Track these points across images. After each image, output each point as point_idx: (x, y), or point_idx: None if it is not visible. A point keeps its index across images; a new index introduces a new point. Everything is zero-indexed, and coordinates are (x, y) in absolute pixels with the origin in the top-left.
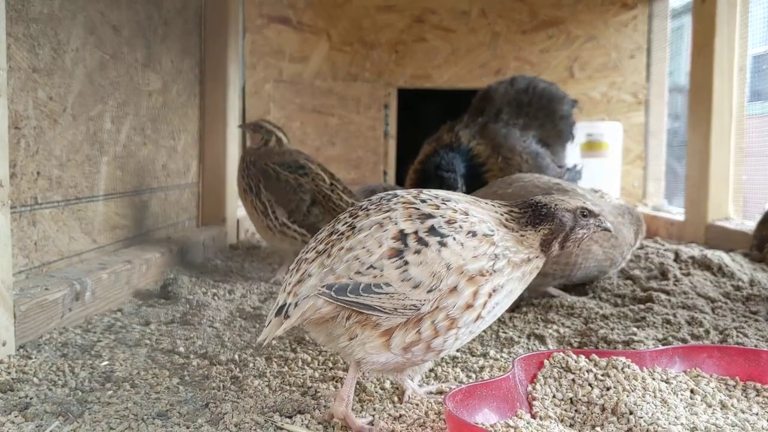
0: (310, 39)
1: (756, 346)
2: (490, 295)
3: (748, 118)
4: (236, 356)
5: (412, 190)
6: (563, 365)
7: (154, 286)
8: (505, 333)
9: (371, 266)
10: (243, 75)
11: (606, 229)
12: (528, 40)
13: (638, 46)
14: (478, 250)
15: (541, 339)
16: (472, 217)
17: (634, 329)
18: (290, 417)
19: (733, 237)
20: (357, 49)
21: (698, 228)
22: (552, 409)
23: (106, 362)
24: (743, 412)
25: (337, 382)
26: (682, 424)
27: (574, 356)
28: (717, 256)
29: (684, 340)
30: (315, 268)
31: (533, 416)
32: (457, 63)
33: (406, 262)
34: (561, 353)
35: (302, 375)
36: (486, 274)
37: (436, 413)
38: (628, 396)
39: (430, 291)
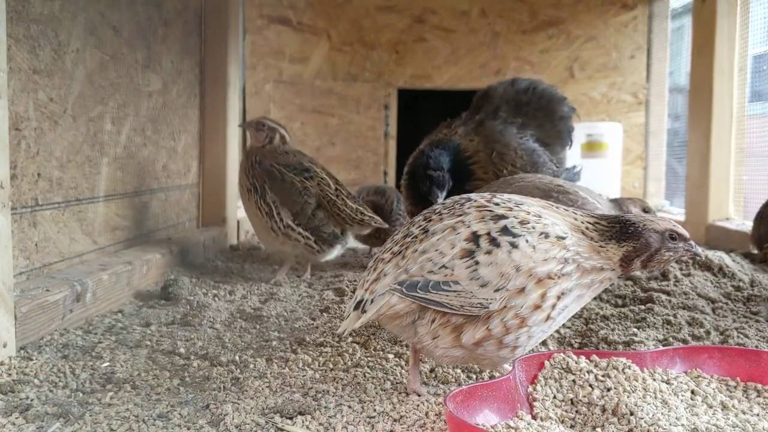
0: (310, 39)
1: (757, 346)
2: (558, 298)
3: (749, 118)
4: (237, 357)
5: (485, 194)
6: (564, 366)
7: (155, 287)
8: None
9: (443, 266)
10: (243, 75)
11: (696, 255)
12: (528, 40)
13: (638, 46)
14: (548, 252)
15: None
16: (546, 219)
17: (635, 330)
18: (291, 418)
19: (733, 237)
20: (357, 49)
21: (699, 228)
22: (552, 410)
23: (106, 363)
24: (744, 413)
25: (337, 383)
26: (682, 425)
27: (575, 357)
28: (717, 256)
29: (685, 341)
30: (390, 268)
31: (534, 417)
32: (457, 63)
33: (477, 262)
34: (561, 354)
35: (303, 376)
36: (554, 278)
37: (436, 414)
38: (628, 397)
39: (497, 290)
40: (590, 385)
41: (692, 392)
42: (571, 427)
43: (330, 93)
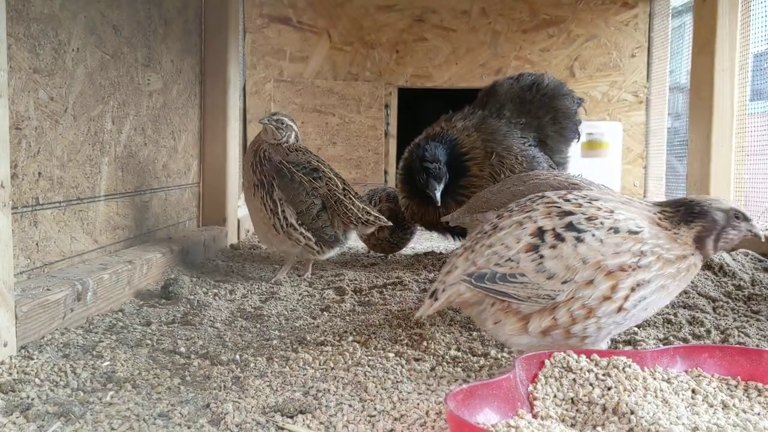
0: (311, 38)
1: (758, 345)
2: (633, 289)
3: (750, 116)
4: (237, 356)
5: (560, 191)
6: (564, 365)
7: (155, 286)
8: None
9: (509, 259)
10: (243, 74)
11: (756, 235)
12: (528, 39)
13: (639, 45)
14: (620, 246)
15: None
16: (618, 215)
17: (635, 329)
18: (292, 417)
19: None
20: (357, 48)
21: None
22: (553, 408)
23: (107, 363)
24: (745, 412)
25: (338, 381)
26: (683, 424)
27: (575, 356)
28: (718, 255)
29: (685, 340)
30: (461, 261)
31: (534, 416)
32: (457, 62)
33: (542, 256)
34: (562, 353)
35: (303, 375)
36: (628, 270)
37: (437, 413)
38: (629, 396)
39: (564, 282)
40: (591, 384)
41: (693, 391)
42: (572, 425)
43: (330, 92)
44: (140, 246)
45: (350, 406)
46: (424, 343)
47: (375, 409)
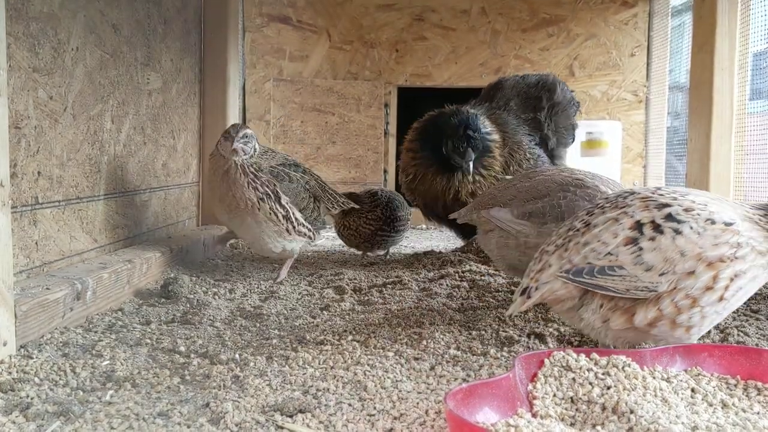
0: (310, 38)
1: (757, 344)
2: (731, 279)
3: (749, 116)
4: (237, 355)
5: (648, 186)
6: (564, 364)
7: (155, 285)
8: (505, 332)
9: (608, 253)
10: (243, 74)
11: None
12: (528, 38)
13: (638, 44)
14: (718, 238)
15: (542, 338)
16: (712, 207)
17: None
18: (291, 416)
19: None
20: (357, 47)
21: None
22: (552, 407)
23: (107, 362)
24: (744, 411)
25: (337, 381)
26: (683, 423)
27: (575, 355)
28: None
29: None
30: (554, 259)
31: (534, 415)
32: (457, 61)
33: (641, 248)
34: (561, 352)
35: (303, 374)
36: (726, 260)
37: (436, 412)
38: (628, 395)
39: (662, 274)
40: (590, 383)
41: (692, 390)
42: (571, 425)
43: (330, 91)
44: (140, 245)
45: (350, 405)
46: (424, 342)
47: (374, 408)
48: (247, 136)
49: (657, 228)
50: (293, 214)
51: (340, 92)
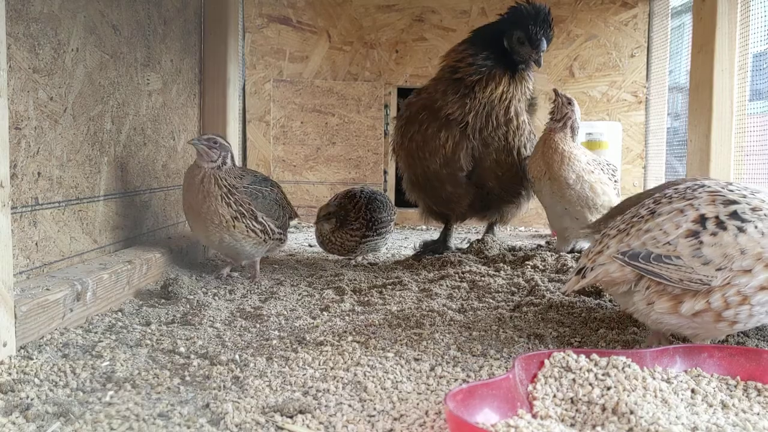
0: (310, 38)
1: (757, 345)
2: None
3: (749, 116)
4: (237, 356)
5: (719, 181)
6: (564, 365)
7: (155, 286)
8: (505, 333)
9: (667, 242)
10: (243, 74)
11: None
12: None
13: (638, 44)
14: None
15: (541, 338)
16: None
17: (635, 328)
18: (291, 417)
19: None
20: (357, 48)
21: None
22: (552, 408)
23: (107, 363)
24: (744, 411)
25: (338, 381)
26: (682, 423)
27: (575, 356)
28: None
29: (685, 340)
30: (614, 243)
31: (534, 416)
32: None
33: (701, 242)
34: (561, 353)
35: (303, 375)
36: None
37: (436, 413)
38: (628, 395)
39: (719, 269)
40: (590, 384)
41: (692, 391)
42: (571, 425)
43: (330, 92)
44: (140, 246)
45: (350, 406)
46: (424, 343)
47: (374, 409)
48: (213, 141)
49: (720, 224)
50: (269, 225)
51: (340, 93)
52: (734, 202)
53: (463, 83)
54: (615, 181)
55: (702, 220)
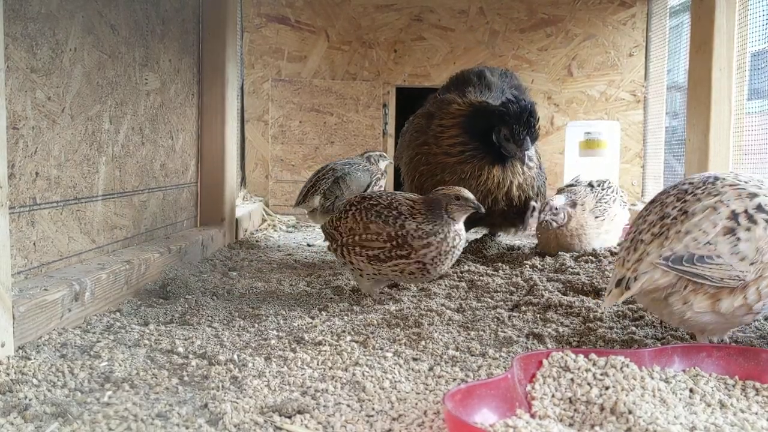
0: (309, 38)
1: (752, 343)
2: None
3: (747, 115)
4: (235, 356)
5: (728, 172)
6: (562, 364)
7: (153, 286)
8: (503, 332)
9: (707, 242)
10: (241, 74)
11: None
12: (526, 38)
13: (637, 44)
14: None
15: (540, 338)
16: None
17: (633, 328)
18: (290, 417)
19: None
20: (355, 48)
21: None
22: (551, 408)
23: (105, 363)
24: (742, 411)
25: (336, 381)
26: (681, 423)
27: (573, 355)
28: None
29: (683, 339)
30: (654, 248)
31: (532, 416)
32: (455, 61)
33: (738, 239)
34: (560, 352)
35: (301, 375)
36: None
37: (435, 413)
38: (627, 395)
39: (752, 264)
40: (588, 384)
41: (690, 391)
42: (570, 425)
43: (328, 91)
44: (138, 246)
45: (348, 406)
46: (422, 343)
47: (373, 408)
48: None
49: (750, 218)
50: None
51: (339, 92)
52: (755, 195)
53: (459, 168)
54: (624, 201)
55: (734, 216)
